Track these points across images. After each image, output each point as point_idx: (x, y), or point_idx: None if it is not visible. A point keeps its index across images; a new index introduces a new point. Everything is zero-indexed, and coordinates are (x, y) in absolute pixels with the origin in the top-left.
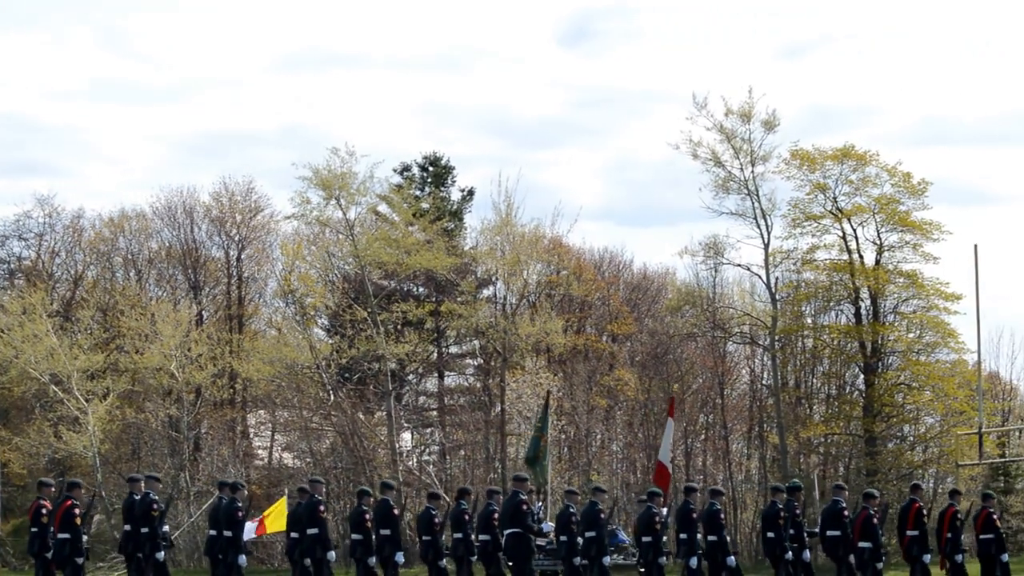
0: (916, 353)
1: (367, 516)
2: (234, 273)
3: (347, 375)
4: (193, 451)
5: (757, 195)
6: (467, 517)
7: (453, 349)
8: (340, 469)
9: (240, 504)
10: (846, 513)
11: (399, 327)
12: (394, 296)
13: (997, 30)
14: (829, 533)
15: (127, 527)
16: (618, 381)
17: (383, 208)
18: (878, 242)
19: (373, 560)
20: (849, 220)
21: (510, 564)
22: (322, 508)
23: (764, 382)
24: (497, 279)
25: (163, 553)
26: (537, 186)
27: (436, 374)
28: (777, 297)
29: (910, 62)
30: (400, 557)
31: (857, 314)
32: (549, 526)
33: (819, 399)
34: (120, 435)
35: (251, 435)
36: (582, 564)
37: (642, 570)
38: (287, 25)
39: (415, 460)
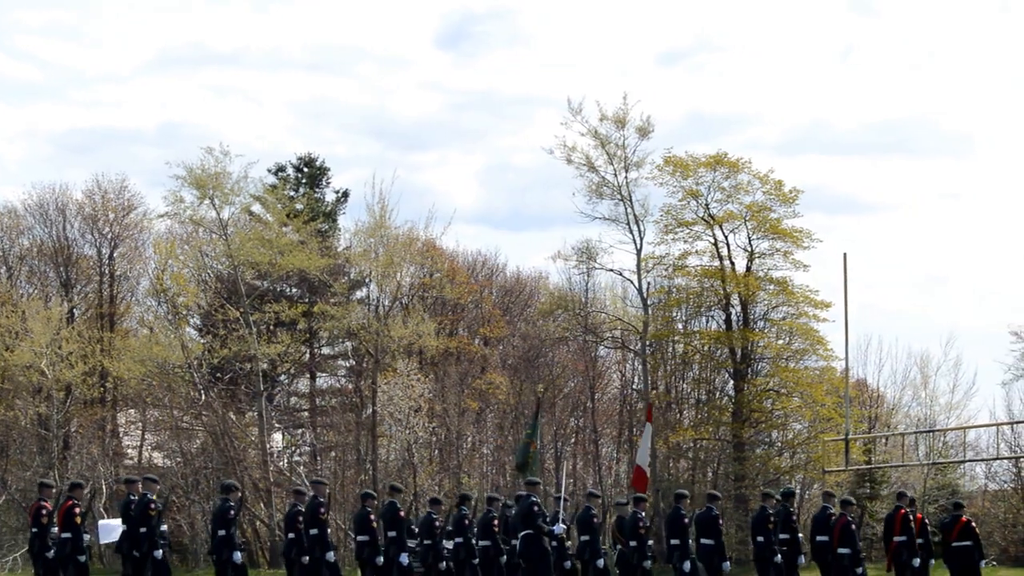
0: (785, 360)
1: (372, 517)
2: (106, 271)
3: (218, 375)
4: (62, 449)
5: (630, 201)
6: (468, 522)
7: (325, 350)
8: (210, 469)
9: (232, 504)
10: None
11: (271, 327)
12: (267, 296)
13: (868, 42)
14: (818, 539)
15: (124, 527)
16: (489, 384)
17: (257, 208)
18: (749, 249)
19: (380, 560)
20: (721, 227)
21: (523, 566)
22: (323, 510)
23: (635, 386)
24: (370, 281)
25: (161, 552)
26: (413, 188)
27: (308, 375)
28: (649, 302)
29: (785, 71)
30: (404, 559)
31: (728, 320)
32: (560, 528)
33: (689, 404)
34: None
35: (121, 434)
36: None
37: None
38: (164, 22)
39: (286, 461)
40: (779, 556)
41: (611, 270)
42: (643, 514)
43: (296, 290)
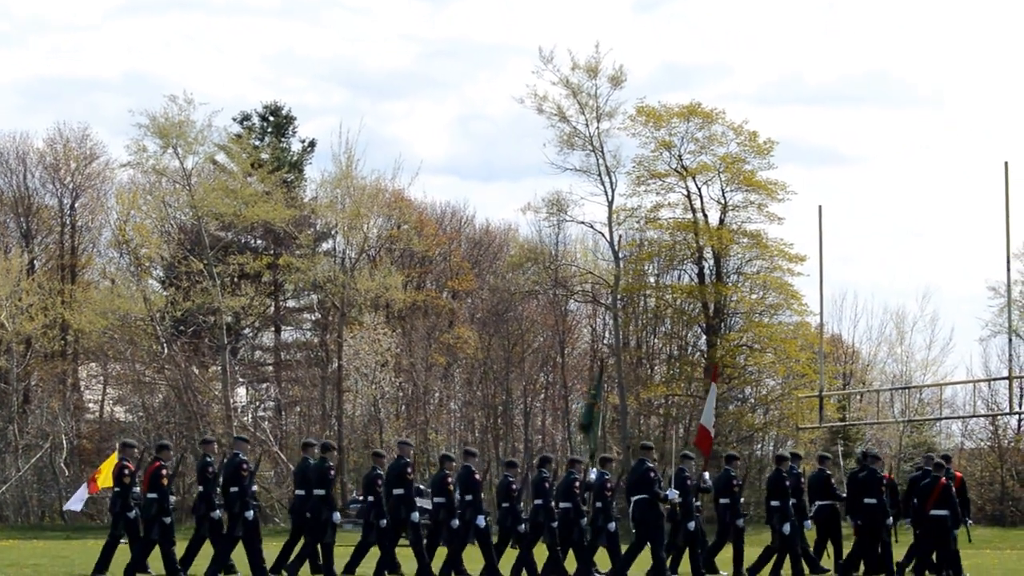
0: (759, 314)
1: (449, 480)
2: (67, 222)
3: (182, 328)
4: (22, 403)
5: (602, 151)
6: (548, 485)
7: (291, 303)
8: (173, 424)
9: (330, 464)
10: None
11: (236, 280)
12: (231, 248)
13: None
14: (914, 500)
15: (200, 488)
16: (458, 339)
17: (221, 158)
18: (723, 201)
19: (455, 523)
20: (694, 178)
21: (634, 531)
22: (410, 471)
23: (605, 341)
24: (336, 232)
25: (252, 512)
26: (383, 138)
27: (273, 328)
28: (620, 255)
29: (763, 21)
30: (481, 521)
31: (700, 274)
32: (674, 493)
33: (660, 360)
34: None
35: (82, 388)
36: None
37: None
38: None
39: (250, 416)
40: (890, 518)
41: (582, 222)
42: (735, 472)
43: (261, 241)
